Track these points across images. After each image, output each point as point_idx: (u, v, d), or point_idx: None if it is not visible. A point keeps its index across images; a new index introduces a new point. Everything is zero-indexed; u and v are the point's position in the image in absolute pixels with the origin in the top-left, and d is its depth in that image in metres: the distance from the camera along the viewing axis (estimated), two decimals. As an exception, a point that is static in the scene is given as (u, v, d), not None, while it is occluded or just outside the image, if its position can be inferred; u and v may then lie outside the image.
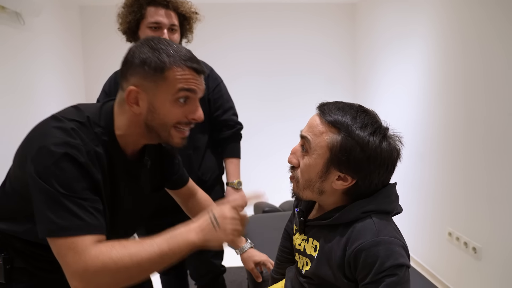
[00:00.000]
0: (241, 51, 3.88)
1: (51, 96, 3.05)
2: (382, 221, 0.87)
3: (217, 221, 0.87)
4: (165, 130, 0.92)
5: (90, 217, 0.81)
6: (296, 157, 0.93)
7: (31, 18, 2.69)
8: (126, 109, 0.92)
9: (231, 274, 2.59)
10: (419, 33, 2.72)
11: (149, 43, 0.90)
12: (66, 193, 0.80)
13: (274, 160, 3.96)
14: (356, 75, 3.97)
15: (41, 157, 0.81)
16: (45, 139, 0.83)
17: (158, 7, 1.56)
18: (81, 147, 0.84)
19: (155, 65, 0.87)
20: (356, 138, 0.84)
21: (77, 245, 0.78)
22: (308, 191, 0.92)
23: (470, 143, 2.21)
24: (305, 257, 0.97)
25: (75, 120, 0.89)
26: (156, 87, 0.88)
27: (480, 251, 2.13)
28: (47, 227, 0.80)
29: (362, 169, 0.85)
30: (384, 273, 0.80)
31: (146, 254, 0.80)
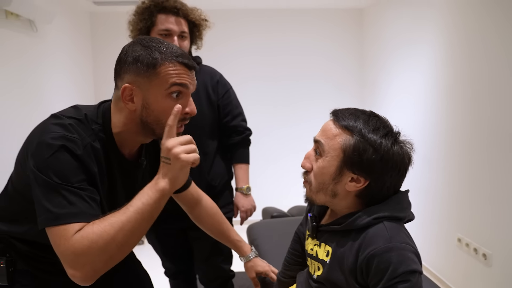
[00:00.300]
0: (249, 56, 3.91)
1: (63, 98, 3.11)
2: (395, 227, 0.87)
3: (167, 157, 0.87)
4: (160, 126, 0.93)
5: (85, 206, 0.83)
6: (310, 162, 0.95)
7: (43, 25, 2.74)
8: (122, 107, 0.94)
9: (239, 279, 2.59)
10: (426, 39, 2.71)
11: (141, 42, 0.93)
12: (62, 183, 0.82)
13: (282, 165, 3.98)
14: (364, 81, 3.96)
15: (39, 151, 0.84)
16: (43, 135, 0.86)
17: (168, 14, 1.58)
18: (77, 141, 0.87)
19: (147, 61, 0.89)
20: (369, 140, 0.86)
21: (67, 232, 0.79)
22: (321, 194, 0.93)
23: (478, 149, 2.19)
24: (317, 262, 0.98)
25: (73, 118, 0.92)
26: (149, 83, 0.90)
27: (490, 258, 2.11)
28: (44, 217, 0.82)
29: (375, 170, 0.87)
30: (397, 279, 0.80)
31: (125, 217, 0.82)
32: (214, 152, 1.72)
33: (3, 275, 0.96)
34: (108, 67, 3.75)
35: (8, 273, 0.96)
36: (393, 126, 0.93)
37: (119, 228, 0.81)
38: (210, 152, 1.70)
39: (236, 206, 1.79)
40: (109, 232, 0.80)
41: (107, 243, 0.79)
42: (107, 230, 0.80)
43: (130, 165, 1.03)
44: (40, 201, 0.83)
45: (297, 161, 3.49)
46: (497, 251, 2.07)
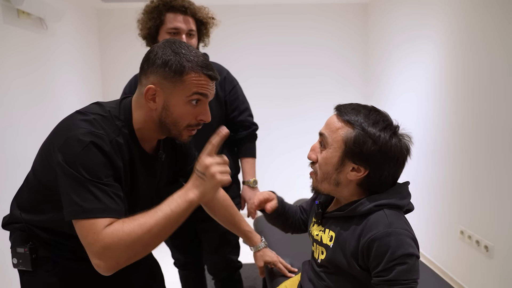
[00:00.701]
0: (253, 52, 3.93)
1: (73, 93, 3.17)
2: (394, 214, 0.95)
3: (203, 172, 0.93)
4: (176, 128, 1.02)
5: (111, 202, 0.89)
6: (315, 153, 1.03)
7: (53, 23, 2.79)
8: (143, 104, 1.00)
9: (246, 270, 2.65)
10: (430, 35, 2.73)
11: (172, 47, 0.98)
12: (91, 179, 0.88)
13: (288, 159, 4.02)
14: (369, 77, 3.98)
15: (69, 146, 0.90)
16: (71, 130, 0.92)
17: (176, 13, 1.62)
18: (104, 137, 0.93)
19: (175, 68, 0.95)
20: (368, 133, 0.94)
21: (96, 226, 0.86)
22: (326, 183, 1.01)
23: (481, 142, 2.22)
24: (321, 247, 1.05)
25: (98, 114, 0.98)
26: (173, 88, 0.97)
27: (492, 250, 2.14)
28: (72, 209, 0.88)
29: (374, 161, 0.94)
30: (395, 261, 0.88)
31: (153, 220, 0.88)
32: (221, 147, 1.77)
33: (27, 261, 1.04)
34: (115, 63, 3.83)
35: (32, 260, 1.04)
36: (393, 120, 1.00)
37: (147, 230, 0.87)
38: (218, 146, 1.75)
39: (243, 199, 1.84)
40: (137, 232, 0.86)
41: (134, 241, 0.86)
42: (136, 230, 0.86)
43: (151, 159, 1.10)
44: (67, 193, 0.88)
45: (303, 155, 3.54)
46: (499, 243, 2.11)
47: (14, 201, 1.12)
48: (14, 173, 2.25)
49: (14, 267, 1.06)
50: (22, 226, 1.05)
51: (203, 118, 1.03)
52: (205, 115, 1.03)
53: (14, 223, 1.08)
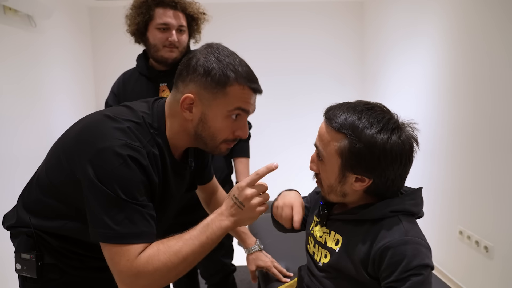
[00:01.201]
0: (248, 50, 3.85)
1: (63, 94, 3.10)
2: (409, 222, 0.88)
3: (241, 202, 0.89)
4: (213, 142, 0.94)
5: (146, 225, 0.83)
6: (315, 164, 0.96)
7: (42, 21, 2.73)
8: (177, 112, 0.92)
9: (241, 273, 2.60)
10: (427, 32, 2.69)
11: (215, 53, 0.90)
12: (127, 199, 0.81)
13: (283, 158, 3.97)
14: (365, 74, 3.94)
15: (102, 160, 0.81)
16: (104, 140, 0.82)
17: (166, 8, 1.57)
18: (142, 150, 0.85)
19: (219, 78, 0.87)
20: (363, 140, 0.84)
21: (130, 253, 0.80)
22: (333, 195, 0.94)
23: (480, 141, 2.18)
24: (325, 250, 0.98)
25: (131, 121, 0.89)
26: (213, 99, 0.89)
27: (492, 250, 2.10)
28: (103, 232, 0.80)
29: (375, 169, 0.86)
30: (410, 272, 0.81)
31: (189, 249, 0.84)
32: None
33: (33, 268, 0.96)
34: (108, 63, 3.76)
35: (37, 267, 0.96)
36: (391, 112, 0.90)
37: (183, 258, 0.84)
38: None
39: (237, 200, 1.79)
40: (173, 261, 0.83)
41: (169, 271, 0.83)
42: (172, 259, 0.83)
43: (181, 168, 1.03)
44: (98, 213, 0.81)
45: (298, 154, 3.51)
46: (498, 244, 2.07)
47: (19, 201, 1.02)
48: (4, 173, 2.19)
49: (17, 272, 0.99)
50: (30, 231, 0.96)
51: (241, 134, 0.96)
52: (243, 130, 0.96)
53: (20, 227, 0.98)
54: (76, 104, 3.36)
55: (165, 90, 1.65)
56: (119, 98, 1.72)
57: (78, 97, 3.41)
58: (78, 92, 3.44)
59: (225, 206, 0.91)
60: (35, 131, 2.59)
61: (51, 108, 2.85)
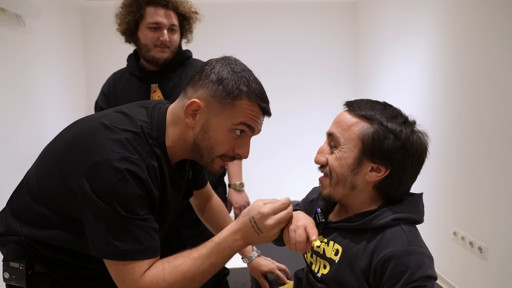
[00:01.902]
0: (242, 50, 3.85)
1: (53, 97, 3.05)
2: (412, 231, 0.86)
3: (259, 228, 0.83)
4: (210, 155, 0.90)
5: (149, 240, 0.81)
6: (324, 155, 0.91)
7: (31, 20, 2.68)
8: (180, 119, 0.89)
9: (234, 275, 2.57)
10: (421, 30, 2.69)
11: (232, 66, 0.89)
12: (128, 216, 0.77)
13: (276, 159, 3.95)
14: (358, 74, 3.94)
15: (99, 174, 0.77)
16: (101, 153, 0.78)
17: (157, 7, 1.55)
18: (141, 163, 0.81)
19: (231, 88, 0.85)
20: (389, 127, 0.84)
21: (134, 271, 0.78)
22: (340, 187, 0.89)
23: (474, 142, 2.18)
24: (323, 260, 0.94)
25: (128, 130, 0.84)
26: (220, 110, 0.86)
27: (486, 251, 2.10)
28: (106, 249, 0.78)
29: (396, 158, 0.85)
30: (413, 284, 0.78)
31: (198, 269, 0.81)
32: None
33: (22, 278, 0.92)
34: (100, 65, 3.71)
35: (27, 276, 0.92)
36: (408, 115, 0.92)
37: (191, 279, 0.81)
38: None
39: (230, 203, 1.76)
40: (180, 282, 0.80)
41: None
42: (179, 280, 0.80)
43: (179, 177, 0.99)
44: (99, 229, 0.78)
45: (292, 155, 3.49)
46: (492, 244, 2.07)
47: (8, 207, 0.97)
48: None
49: (5, 281, 0.94)
50: (20, 240, 0.91)
51: (241, 152, 0.92)
52: (244, 150, 0.92)
53: (10, 235, 0.93)
54: (67, 106, 3.31)
55: (156, 91, 1.63)
56: (109, 99, 1.69)
57: (69, 99, 3.36)
58: (69, 93, 3.38)
59: (240, 225, 0.85)
60: (24, 133, 2.54)
61: (40, 109, 2.80)
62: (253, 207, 0.85)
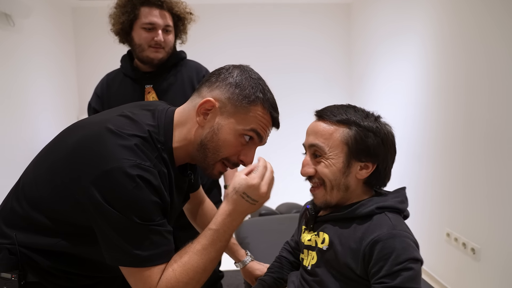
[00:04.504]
0: (237, 49, 3.86)
1: (43, 98, 2.99)
2: (396, 218, 0.91)
3: (254, 199, 0.86)
4: (214, 157, 0.89)
5: (166, 243, 0.81)
6: (311, 167, 0.96)
7: (21, 20, 2.64)
8: (190, 118, 0.89)
9: (228, 278, 2.55)
10: (415, 29, 2.70)
11: (250, 73, 0.91)
12: (144, 223, 0.76)
13: (269, 161, 3.93)
14: (352, 73, 3.96)
15: (110, 183, 0.75)
16: (111, 161, 0.76)
17: (152, 7, 1.53)
18: (153, 170, 0.79)
19: (247, 93, 0.86)
20: (366, 127, 0.91)
21: (151, 279, 0.78)
22: (335, 191, 0.94)
23: (468, 142, 2.19)
24: (313, 252, 0.98)
25: (136, 136, 0.82)
26: (234, 113, 0.87)
27: (479, 252, 2.11)
28: (125, 257, 0.77)
29: (380, 153, 0.93)
30: (401, 266, 0.81)
31: (207, 259, 0.83)
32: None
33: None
34: (92, 66, 3.66)
35: (20, 287, 0.88)
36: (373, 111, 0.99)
37: (202, 270, 0.82)
38: None
39: (225, 204, 1.74)
40: (194, 277, 0.81)
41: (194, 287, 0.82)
42: (192, 276, 0.81)
43: (183, 181, 0.98)
44: (115, 239, 0.77)
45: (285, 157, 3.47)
46: (485, 246, 2.08)
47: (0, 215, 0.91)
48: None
49: None
50: (14, 248, 0.86)
51: (245, 160, 0.92)
52: (249, 157, 0.92)
53: (3, 244, 0.87)
54: (58, 108, 3.26)
55: (150, 92, 1.61)
56: (102, 100, 1.66)
57: (60, 100, 3.31)
58: (60, 95, 3.33)
59: (233, 205, 0.86)
60: (11, 137, 2.49)
61: (30, 111, 2.75)
62: (238, 183, 0.86)
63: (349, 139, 0.91)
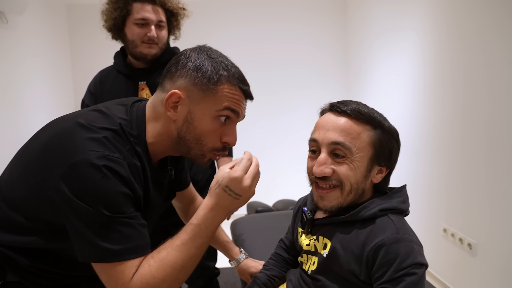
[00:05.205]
0: (232, 46, 3.80)
1: (37, 96, 2.97)
2: (400, 220, 0.88)
3: (237, 193, 0.83)
4: (199, 147, 0.87)
5: (140, 237, 0.78)
6: (328, 167, 0.87)
7: (14, 17, 2.62)
8: (161, 114, 0.86)
9: (225, 275, 2.55)
10: (412, 25, 2.69)
11: (208, 52, 0.87)
12: (114, 215, 0.74)
13: (266, 157, 3.91)
14: (349, 69, 3.95)
15: (78, 175, 0.73)
16: (78, 154, 0.74)
17: (144, 2, 1.52)
18: (122, 162, 0.77)
19: (210, 74, 0.83)
20: (387, 130, 0.88)
21: (125, 274, 0.75)
22: (352, 194, 0.89)
23: (465, 138, 2.19)
24: (314, 257, 0.94)
25: (107, 129, 0.80)
26: (202, 97, 0.83)
27: (475, 247, 2.11)
28: (95, 252, 0.74)
29: (396, 157, 0.91)
30: (404, 271, 0.78)
31: (186, 256, 0.79)
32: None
33: None
34: (88, 64, 3.64)
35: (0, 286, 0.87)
36: None
37: (180, 267, 0.79)
38: None
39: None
40: (171, 274, 0.77)
41: (170, 285, 0.78)
42: (169, 272, 0.77)
43: (161, 177, 0.95)
44: (85, 234, 0.74)
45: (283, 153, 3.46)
46: (482, 241, 2.08)
47: None
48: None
49: None
50: None
51: (228, 140, 0.89)
52: (232, 136, 0.89)
53: None
54: (52, 106, 3.24)
55: (144, 89, 1.59)
56: (96, 97, 1.65)
57: (54, 98, 3.29)
58: (55, 92, 3.32)
59: (215, 199, 0.83)
60: (5, 132, 2.47)
61: (24, 110, 2.74)
62: (221, 176, 0.84)
63: (376, 142, 0.86)
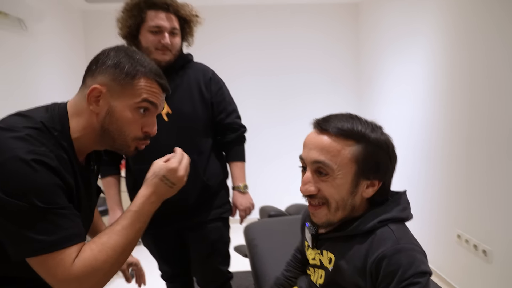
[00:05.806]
0: (244, 51, 3.87)
1: (56, 99, 3.04)
2: (400, 229, 0.86)
3: (173, 182, 0.93)
4: (122, 138, 0.92)
5: (74, 226, 0.80)
6: (313, 185, 0.87)
7: (33, 24, 2.69)
8: (83, 109, 0.90)
9: (238, 279, 2.56)
10: (423, 32, 2.68)
11: (126, 51, 0.93)
12: (47, 207, 0.75)
13: (279, 162, 3.94)
14: (360, 75, 3.93)
15: (6, 173, 0.73)
16: (3, 153, 0.74)
17: (158, 10, 1.54)
18: (49, 154, 0.79)
19: (128, 70, 0.89)
20: (374, 142, 0.84)
21: (64, 261, 0.76)
22: (340, 211, 0.88)
23: (478, 144, 2.16)
24: (321, 270, 0.95)
25: (29, 127, 0.81)
26: (121, 91, 0.89)
27: (490, 254, 2.08)
28: (29, 247, 0.74)
29: (388, 169, 0.87)
30: (407, 282, 0.78)
31: (126, 240, 0.85)
32: (209, 151, 1.68)
33: None
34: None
35: None
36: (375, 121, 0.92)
37: (122, 250, 0.84)
38: (205, 151, 1.66)
39: (234, 205, 1.75)
40: (112, 256, 0.82)
41: (112, 266, 0.83)
42: (110, 254, 0.82)
43: (87, 171, 0.98)
44: (17, 230, 0.74)
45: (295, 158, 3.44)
46: (497, 248, 2.05)
47: None
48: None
49: None
50: None
51: (148, 130, 0.95)
52: (151, 126, 0.95)
53: None
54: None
55: (158, 95, 1.62)
56: None
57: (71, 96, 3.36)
58: (73, 95, 3.38)
59: (153, 188, 0.91)
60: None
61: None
62: (158, 168, 0.93)
63: (359, 157, 0.83)
